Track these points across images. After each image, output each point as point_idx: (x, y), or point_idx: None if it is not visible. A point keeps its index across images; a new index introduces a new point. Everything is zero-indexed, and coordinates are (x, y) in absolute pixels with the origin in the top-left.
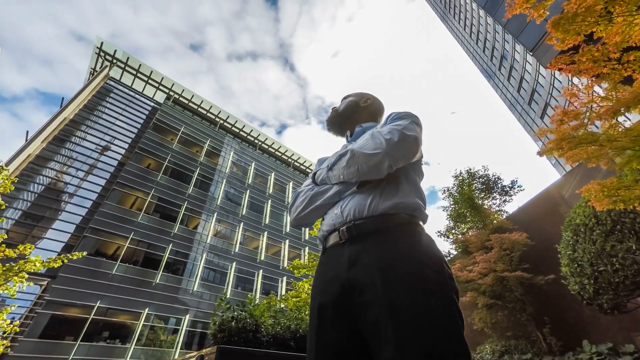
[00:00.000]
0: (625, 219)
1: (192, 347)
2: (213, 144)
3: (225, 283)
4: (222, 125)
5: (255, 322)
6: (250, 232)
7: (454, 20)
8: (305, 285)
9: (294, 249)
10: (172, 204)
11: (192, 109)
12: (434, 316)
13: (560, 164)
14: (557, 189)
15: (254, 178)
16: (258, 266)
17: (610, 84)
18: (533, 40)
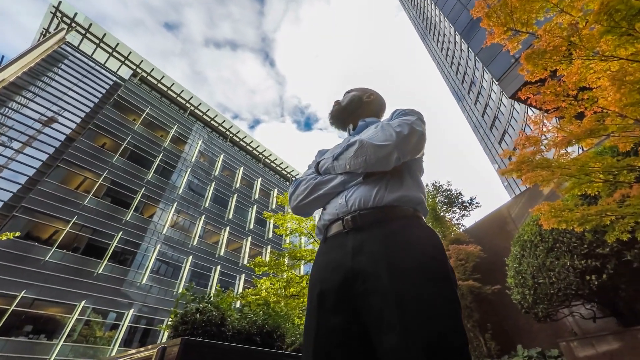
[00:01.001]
0: (564, 238)
1: (132, 345)
2: (180, 130)
3: (178, 277)
4: (193, 112)
5: (221, 315)
6: (212, 225)
7: (432, 41)
8: (266, 283)
9: (256, 247)
10: (127, 188)
11: (161, 90)
12: (438, 306)
13: (510, 187)
14: (507, 209)
15: (221, 170)
16: (216, 261)
17: (567, 117)
18: (500, 70)
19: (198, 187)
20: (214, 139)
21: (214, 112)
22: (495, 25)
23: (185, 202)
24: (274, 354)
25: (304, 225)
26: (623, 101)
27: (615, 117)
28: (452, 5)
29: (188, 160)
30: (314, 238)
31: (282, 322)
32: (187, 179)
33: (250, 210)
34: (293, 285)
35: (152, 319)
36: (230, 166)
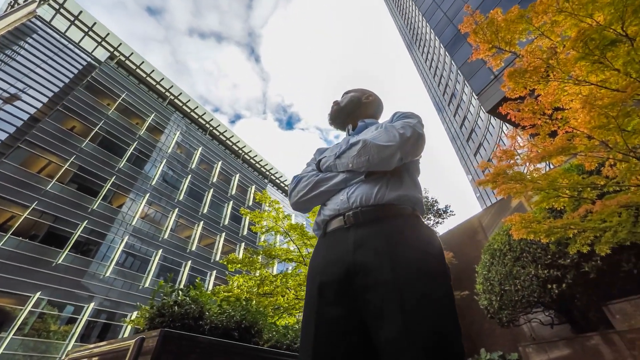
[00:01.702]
0: (530, 249)
1: (90, 340)
2: (158, 119)
3: (145, 271)
4: (172, 101)
5: (199, 309)
6: (185, 219)
7: (418, 51)
8: (239, 281)
9: (229, 243)
10: (96, 176)
11: (140, 76)
12: (436, 301)
13: (482, 198)
14: (478, 219)
15: (198, 163)
16: (187, 256)
17: (541, 134)
18: (480, 85)
19: (173, 179)
20: (192, 131)
21: (195, 104)
22: (481, 42)
23: (158, 193)
24: (252, 349)
25: (280, 224)
26: (592, 123)
27: (584, 137)
28: (439, 18)
29: (164, 151)
30: (289, 237)
31: (260, 319)
32: (162, 170)
33: (226, 206)
34: (266, 284)
35: (114, 313)
36: (208, 160)
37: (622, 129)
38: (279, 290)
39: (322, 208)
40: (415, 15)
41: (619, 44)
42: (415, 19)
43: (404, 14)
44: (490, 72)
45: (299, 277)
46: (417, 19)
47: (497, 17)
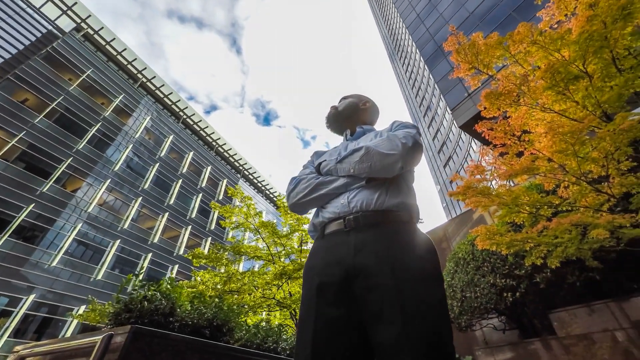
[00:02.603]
0: (491, 259)
1: (27, 336)
2: (126, 102)
3: (99, 262)
4: (144, 84)
5: (171, 305)
6: (148, 209)
7: (399, 62)
8: (205, 276)
9: (195, 237)
10: (49, 156)
11: (109, 54)
12: (433, 304)
13: (448, 208)
14: (443, 228)
15: (168, 152)
16: (148, 249)
17: (510, 153)
18: (455, 101)
19: (138, 166)
20: (164, 117)
21: (169, 89)
22: (463, 61)
23: (121, 180)
24: (224, 347)
25: (251, 221)
26: (553, 148)
27: (545, 160)
28: (422, 33)
29: (130, 135)
30: (259, 235)
31: (232, 317)
32: (127, 155)
33: (194, 199)
34: (233, 281)
35: (57, 307)
36: (179, 149)
37: (577, 155)
38: (246, 288)
39: (321, 210)
40: (399, 27)
41: (580, 79)
42: (399, 30)
43: (389, 25)
44: (465, 90)
45: (266, 276)
46: (401, 31)
47: (478, 41)
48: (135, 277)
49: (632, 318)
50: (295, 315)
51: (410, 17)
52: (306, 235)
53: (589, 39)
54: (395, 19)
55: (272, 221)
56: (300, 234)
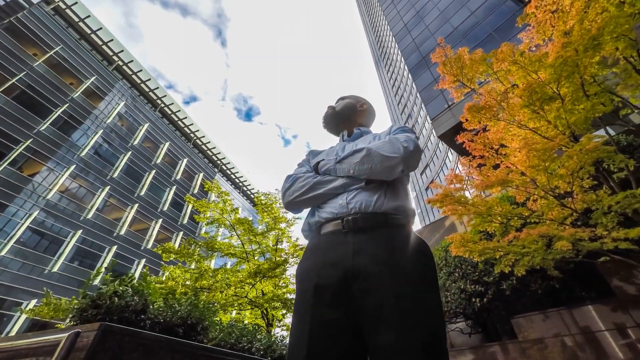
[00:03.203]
0: (462, 265)
1: None
2: (99, 84)
3: (56, 254)
4: (120, 68)
5: (143, 302)
6: (117, 199)
7: (384, 69)
8: (176, 272)
9: (166, 231)
10: (5, 135)
11: (83, 32)
12: (431, 307)
13: (422, 214)
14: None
15: (142, 140)
16: (113, 241)
17: (487, 165)
18: (435, 111)
19: (108, 153)
20: (140, 104)
21: (147, 75)
22: (448, 74)
23: (87, 167)
24: (200, 347)
25: (226, 217)
26: (527, 163)
27: (518, 173)
28: (408, 43)
29: (101, 120)
30: (235, 232)
31: (208, 315)
32: (96, 141)
33: (167, 191)
34: (206, 278)
35: (3, 300)
36: (154, 139)
37: (547, 171)
38: (218, 285)
39: (317, 210)
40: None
41: (554, 100)
42: (387, 38)
43: (377, 32)
44: (445, 101)
45: (240, 274)
46: (388, 39)
47: (464, 55)
48: (105, 270)
49: (580, 324)
50: (267, 314)
51: (397, 26)
52: (282, 234)
53: (564, 64)
54: (383, 27)
55: (248, 218)
56: (276, 233)
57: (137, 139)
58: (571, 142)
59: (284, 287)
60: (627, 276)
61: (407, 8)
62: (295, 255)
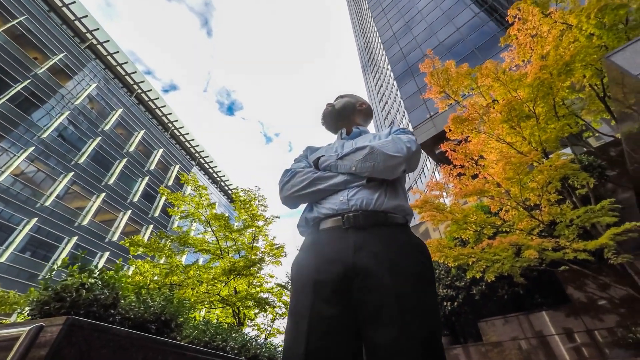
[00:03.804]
0: (437, 269)
1: None
2: (68, 61)
3: (4, 242)
4: (94, 46)
5: (114, 295)
6: (80, 187)
7: (371, 74)
8: (145, 266)
9: (134, 223)
10: None
11: (53, 3)
12: (430, 306)
13: None
14: None
15: (114, 126)
16: (73, 231)
17: (467, 174)
18: (417, 120)
19: (74, 137)
20: (114, 88)
21: (124, 58)
22: (435, 84)
23: (48, 150)
24: (174, 345)
25: (202, 212)
26: (504, 175)
27: (495, 184)
28: (395, 51)
29: (68, 101)
30: (210, 227)
31: (183, 312)
32: (61, 122)
33: (139, 181)
34: (176, 274)
35: None
36: (129, 125)
37: (521, 184)
38: (190, 282)
39: (316, 206)
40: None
41: (530, 118)
42: (375, 45)
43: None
44: (427, 111)
45: (213, 271)
46: (377, 46)
47: (451, 68)
48: (73, 260)
49: (535, 329)
50: (238, 313)
51: (387, 35)
52: (259, 232)
53: (540, 85)
54: (373, 34)
55: (225, 214)
56: (254, 230)
57: (108, 124)
58: (542, 158)
59: (258, 285)
60: (581, 285)
61: (397, 18)
62: (271, 254)
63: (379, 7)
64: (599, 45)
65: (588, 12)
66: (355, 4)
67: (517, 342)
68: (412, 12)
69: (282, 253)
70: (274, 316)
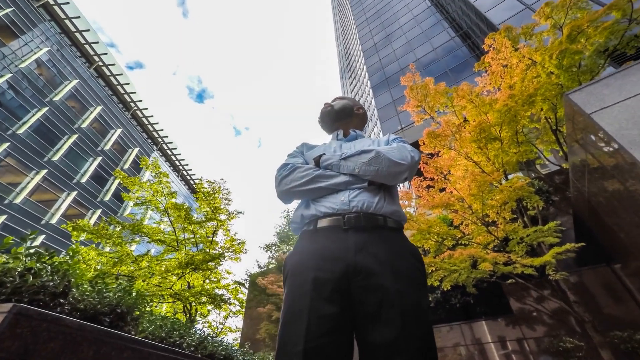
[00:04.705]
0: None
1: None
2: (16, 18)
3: None
4: (49, 6)
5: (66, 283)
6: (16, 160)
7: (348, 81)
8: (91, 253)
9: (80, 206)
10: None
11: None
12: (425, 308)
13: None
14: None
15: (65, 97)
16: (1, 209)
17: (436, 187)
18: (389, 130)
19: (13, 104)
20: (70, 56)
21: (85, 25)
22: (413, 99)
23: None
24: (131, 340)
25: (161, 200)
26: (470, 191)
27: (459, 199)
28: (375, 61)
29: (11, 61)
30: (168, 217)
31: (142, 304)
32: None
33: (90, 161)
34: (126, 264)
35: None
36: (84, 99)
37: (483, 201)
38: (141, 273)
39: (314, 203)
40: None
41: (496, 141)
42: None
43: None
44: (399, 123)
45: (167, 263)
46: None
47: (429, 85)
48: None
49: (475, 336)
50: (190, 309)
51: (368, 44)
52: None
53: (508, 112)
54: (354, 41)
55: (185, 204)
56: (215, 224)
57: (59, 95)
58: (503, 179)
59: (215, 281)
60: (521, 297)
61: (379, 29)
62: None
63: (362, 16)
64: (556, 83)
65: (551, 52)
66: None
67: (458, 348)
68: (393, 26)
69: (243, 249)
70: (227, 314)
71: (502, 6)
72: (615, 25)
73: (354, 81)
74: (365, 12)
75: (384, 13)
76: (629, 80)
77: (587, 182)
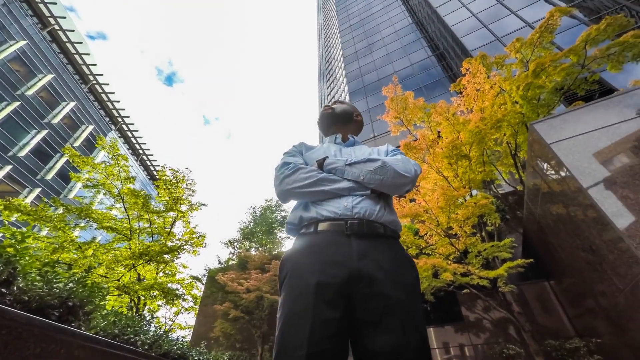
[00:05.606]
0: None
1: None
2: None
3: None
4: None
5: (11, 271)
6: None
7: (325, 83)
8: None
9: (15, 183)
10: None
11: None
12: (421, 316)
13: None
14: None
15: (9, 59)
16: None
17: (407, 197)
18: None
19: None
20: (20, 14)
21: None
22: (393, 110)
23: None
24: (84, 337)
25: (116, 184)
26: (438, 203)
27: (426, 210)
28: (354, 68)
29: None
30: (122, 204)
31: (95, 297)
32: None
33: (33, 134)
34: (67, 251)
35: None
36: (32, 64)
37: (449, 214)
38: (85, 262)
39: (314, 206)
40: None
41: (465, 159)
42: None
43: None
44: (372, 131)
45: (118, 252)
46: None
47: (409, 98)
48: None
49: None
50: (138, 303)
51: (349, 50)
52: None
53: (478, 133)
54: (336, 45)
55: (143, 191)
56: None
57: (1, 55)
58: (468, 195)
59: (170, 275)
60: (473, 305)
61: (362, 37)
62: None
63: (347, 22)
64: (520, 112)
65: (518, 83)
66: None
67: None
68: (375, 37)
69: (202, 243)
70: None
71: (477, 34)
72: (571, 67)
73: (332, 85)
74: (350, 19)
75: (367, 23)
76: (583, 119)
77: (539, 204)
